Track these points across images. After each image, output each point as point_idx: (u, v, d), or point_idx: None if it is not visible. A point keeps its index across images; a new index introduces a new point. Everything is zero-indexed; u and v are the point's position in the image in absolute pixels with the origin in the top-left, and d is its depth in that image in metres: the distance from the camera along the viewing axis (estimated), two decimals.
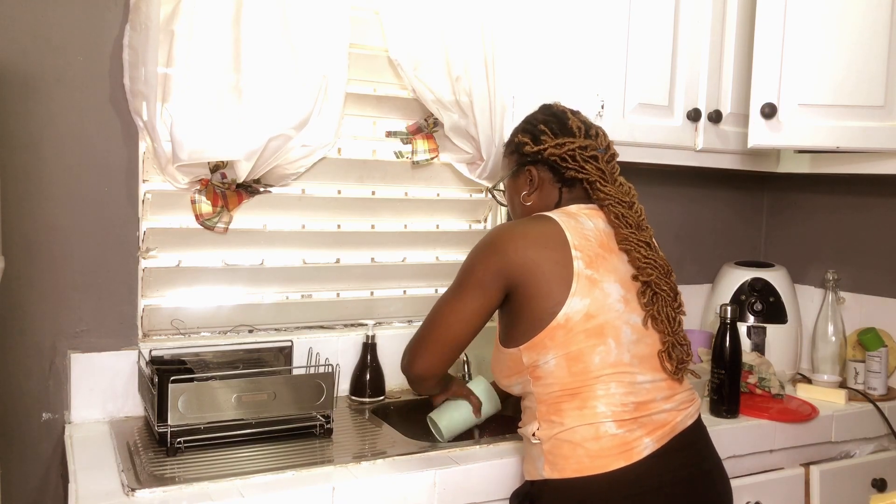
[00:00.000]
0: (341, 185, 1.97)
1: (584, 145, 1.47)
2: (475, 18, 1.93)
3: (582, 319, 1.33)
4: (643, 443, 1.31)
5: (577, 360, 1.33)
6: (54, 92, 1.62)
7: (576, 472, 1.31)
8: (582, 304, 1.33)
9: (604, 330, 1.34)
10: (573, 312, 1.33)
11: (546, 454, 1.35)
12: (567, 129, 1.49)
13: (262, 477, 1.40)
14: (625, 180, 1.49)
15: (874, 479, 1.95)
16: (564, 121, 1.51)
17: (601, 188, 1.45)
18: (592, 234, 1.40)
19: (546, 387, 1.36)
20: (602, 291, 1.35)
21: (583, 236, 1.39)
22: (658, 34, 1.93)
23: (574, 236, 1.38)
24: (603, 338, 1.33)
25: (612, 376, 1.33)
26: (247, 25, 1.68)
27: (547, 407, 1.36)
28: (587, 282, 1.35)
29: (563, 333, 1.33)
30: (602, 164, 1.46)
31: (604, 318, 1.34)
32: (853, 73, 1.86)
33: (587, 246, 1.38)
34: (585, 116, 1.55)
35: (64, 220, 1.65)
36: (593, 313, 1.34)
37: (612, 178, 1.47)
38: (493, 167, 2.02)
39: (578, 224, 1.41)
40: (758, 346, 2.25)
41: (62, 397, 1.67)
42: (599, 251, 1.39)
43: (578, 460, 1.31)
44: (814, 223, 2.44)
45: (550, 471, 1.34)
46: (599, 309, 1.34)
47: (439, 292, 2.13)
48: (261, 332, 1.89)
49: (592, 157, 1.47)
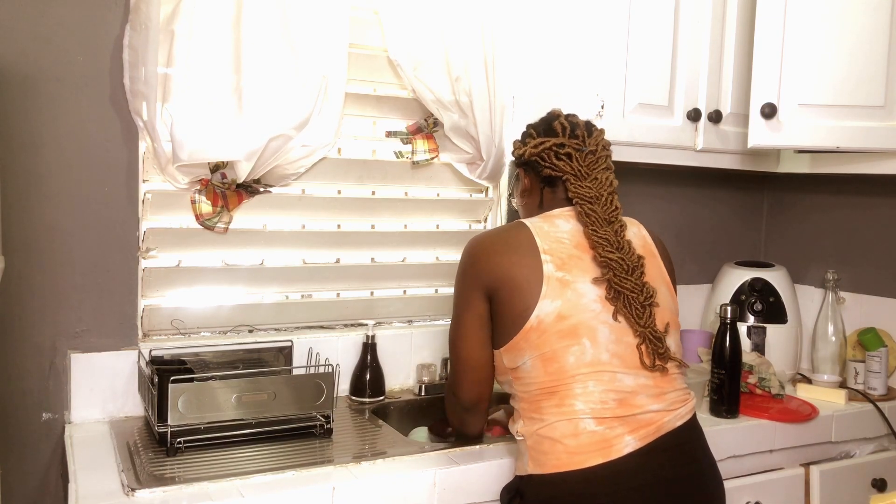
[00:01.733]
0: (341, 185, 1.97)
1: (561, 143, 1.48)
2: (475, 18, 1.93)
3: (554, 321, 1.34)
4: (624, 440, 1.31)
5: (551, 360, 1.34)
6: (54, 92, 1.62)
7: (555, 468, 1.32)
8: (553, 305, 1.35)
9: (577, 330, 1.35)
10: (544, 315, 1.35)
11: (530, 450, 1.36)
12: (551, 130, 1.51)
13: (262, 477, 1.40)
14: (608, 176, 1.47)
15: (874, 479, 1.95)
16: (551, 122, 1.53)
17: (572, 185, 1.46)
18: (568, 236, 1.42)
19: (526, 386, 1.38)
20: (575, 292, 1.36)
21: (555, 239, 1.41)
22: (658, 34, 1.93)
23: (544, 240, 1.40)
24: (577, 338, 1.34)
25: (590, 375, 1.34)
26: (247, 26, 1.68)
27: (528, 405, 1.38)
28: (558, 283, 1.36)
29: (537, 335, 1.35)
30: (577, 162, 1.47)
31: (577, 318, 1.35)
32: (853, 73, 1.86)
33: (559, 248, 1.39)
34: (580, 119, 1.54)
35: (64, 220, 1.65)
36: (565, 314, 1.35)
37: (586, 175, 1.46)
38: (492, 167, 2.02)
39: (553, 227, 1.43)
40: (758, 346, 2.25)
41: (62, 397, 1.67)
42: (574, 252, 1.40)
43: (557, 456, 1.32)
44: (814, 223, 2.44)
45: (533, 466, 1.35)
46: (572, 310, 1.35)
47: (439, 292, 2.13)
48: (261, 332, 1.89)
49: (567, 154, 1.47)
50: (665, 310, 1.43)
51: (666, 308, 1.44)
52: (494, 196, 2.15)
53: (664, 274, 1.49)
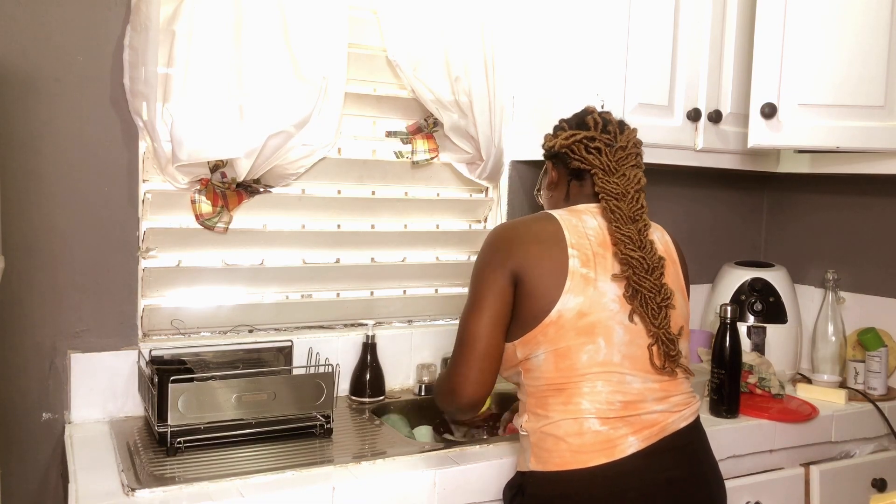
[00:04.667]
0: (341, 185, 1.97)
1: (591, 136, 1.47)
2: (475, 18, 1.93)
3: (574, 317, 1.34)
4: (627, 441, 1.31)
5: (564, 356, 1.34)
6: (54, 92, 1.62)
7: (558, 466, 1.32)
8: (575, 301, 1.34)
9: (595, 329, 1.34)
10: (566, 310, 1.34)
11: (533, 446, 1.36)
12: (583, 124, 1.50)
13: (262, 477, 1.40)
14: (636, 174, 1.46)
15: (874, 479, 1.95)
16: (583, 116, 1.51)
17: (599, 180, 1.44)
18: (594, 233, 1.41)
19: (534, 379, 1.37)
20: (596, 290, 1.36)
21: (582, 234, 1.39)
22: (658, 34, 1.93)
23: (572, 234, 1.39)
24: (593, 336, 1.34)
25: (600, 375, 1.33)
26: (246, 26, 1.69)
27: (535, 400, 1.37)
28: (581, 280, 1.35)
29: (555, 330, 1.34)
30: (606, 157, 1.46)
31: (596, 316, 1.35)
32: (853, 73, 1.86)
33: (585, 244, 1.38)
34: (613, 116, 1.52)
35: (64, 220, 1.65)
36: (585, 311, 1.34)
37: (615, 170, 1.45)
38: (492, 167, 2.02)
39: (580, 222, 1.42)
40: (758, 346, 2.25)
41: (62, 397, 1.67)
42: (598, 250, 1.39)
43: (561, 454, 1.32)
44: (814, 223, 2.44)
45: (536, 463, 1.35)
46: (592, 307, 1.35)
47: (439, 292, 2.13)
48: (261, 332, 1.89)
49: (596, 148, 1.46)
50: (679, 315, 1.43)
51: (680, 313, 1.43)
52: (494, 196, 2.15)
53: (681, 281, 1.48)
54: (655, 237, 1.45)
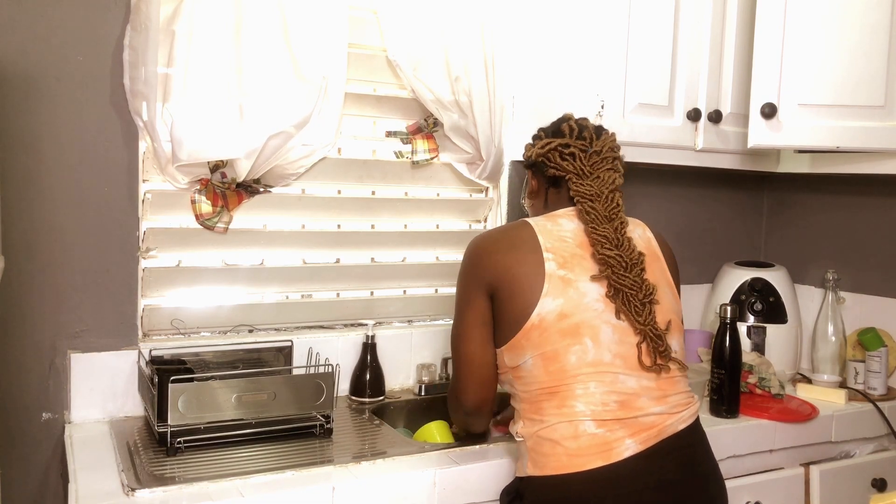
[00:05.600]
0: (341, 185, 1.97)
1: (566, 143, 1.48)
2: (475, 18, 1.93)
3: (556, 319, 1.34)
4: (624, 444, 1.31)
5: (552, 359, 1.34)
6: (54, 92, 1.62)
7: (555, 470, 1.32)
8: (555, 304, 1.35)
9: (579, 329, 1.34)
10: (546, 312, 1.34)
11: (529, 451, 1.36)
12: (559, 132, 1.52)
13: (262, 477, 1.40)
14: (611, 176, 1.46)
15: (874, 479, 1.95)
16: (560, 124, 1.53)
17: (573, 184, 1.46)
18: (571, 235, 1.42)
19: (526, 385, 1.37)
20: (577, 291, 1.36)
21: (558, 238, 1.41)
22: (658, 34, 1.93)
23: (546, 238, 1.40)
24: (578, 337, 1.34)
25: (592, 375, 1.33)
26: (246, 26, 1.69)
27: (529, 405, 1.38)
28: (560, 282, 1.36)
29: (538, 333, 1.34)
30: (580, 161, 1.47)
31: (579, 317, 1.35)
32: (853, 73, 1.86)
33: (562, 247, 1.39)
34: (590, 122, 1.54)
35: (64, 220, 1.65)
36: (567, 313, 1.35)
37: (589, 174, 1.46)
38: (492, 167, 2.02)
39: (556, 226, 1.43)
40: (758, 346, 2.25)
41: (62, 397, 1.67)
42: (577, 251, 1.40)
43: (558, 458, 1.31)
44: (814, 223, 2.44)
45: (533, 468, 1.35)
46: (574, 308, 1.35)
47: (439, 292, 2.13)
48: (261, 332, 1.89)
49: (571, 154, 1.48)
50: (667, 309, 1.42)
51: (668, 308, 1.43)
52: (494, 196, 2.15)
53: (667, 275, 1.47)
54: (636, 234, 1.46)
